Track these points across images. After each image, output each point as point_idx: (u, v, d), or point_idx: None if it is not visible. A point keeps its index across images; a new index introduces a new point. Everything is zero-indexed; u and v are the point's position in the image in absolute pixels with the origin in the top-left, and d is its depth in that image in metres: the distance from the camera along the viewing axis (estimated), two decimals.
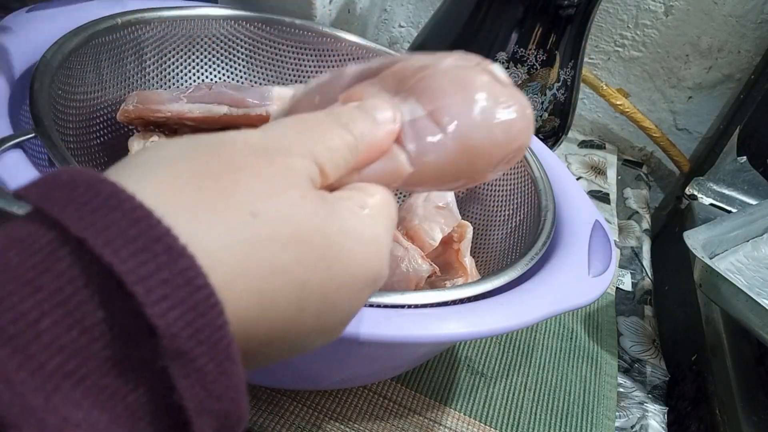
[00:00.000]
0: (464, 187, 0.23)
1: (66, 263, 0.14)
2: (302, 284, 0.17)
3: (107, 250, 0.14)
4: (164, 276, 0.14)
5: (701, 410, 0.52)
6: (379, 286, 0.20)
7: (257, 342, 0.17)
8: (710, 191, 0.76)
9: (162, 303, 0.14)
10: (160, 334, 0.14)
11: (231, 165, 0.17)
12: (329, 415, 0.39)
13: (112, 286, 0.14)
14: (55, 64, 0.35)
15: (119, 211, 0.14)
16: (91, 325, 0.13)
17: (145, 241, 0.14)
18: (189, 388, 0.14)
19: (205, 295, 0.14)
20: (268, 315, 0.17)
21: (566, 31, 0.61)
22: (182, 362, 0.14)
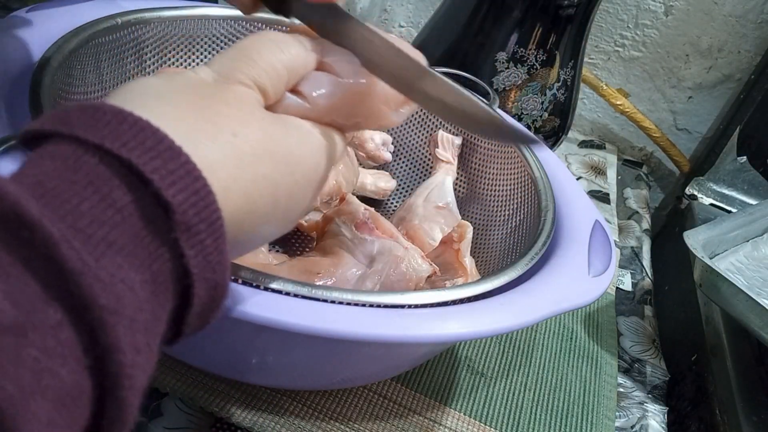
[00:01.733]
0: (366, 126, 0.29)
1: (92, 164, 0.17)
2: (276, 186, 0.23)
3: (123, 150, 0.17)
4: (171, 167, 0.18)
5: (701, 410, 0.52)
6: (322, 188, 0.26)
7: (243, 232, 0.22)
8: (710, 191, 0.76)
9: (172, 187, 0.18)
10: (173, 210, 0.18)
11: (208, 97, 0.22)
12: (329, 415, 0.39)
13: (133, 177, 0.17)
14: (55, 64, 0.35)
15: (125, 123, 0.18)
16: (122, 206, 0.17)
17: (151, 143, 0.18)
18: (194, 257, 0.18)
19: (203, 184, 0.18)
20: (252, 211, 0.22)
21: (566, 31, 0.61)
22: (189, 234, 0.18)
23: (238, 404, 0.38)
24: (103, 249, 0.16)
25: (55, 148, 0.17)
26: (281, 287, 0.27)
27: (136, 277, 0.17)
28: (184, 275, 0.19)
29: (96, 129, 0.17)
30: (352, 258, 0.38)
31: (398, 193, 0.55)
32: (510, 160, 0.48)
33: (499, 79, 0.61)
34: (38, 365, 0.14)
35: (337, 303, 0.28)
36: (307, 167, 0.24)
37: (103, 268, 0.16)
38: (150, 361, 0.18)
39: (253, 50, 0.24)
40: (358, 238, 0.38)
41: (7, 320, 0.14)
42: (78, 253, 0.15)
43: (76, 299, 0.15)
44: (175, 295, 0.19)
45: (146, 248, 0.17)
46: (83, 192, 0.16)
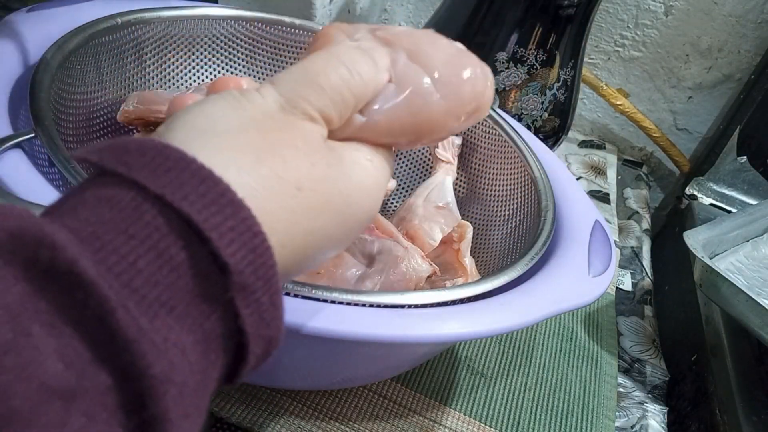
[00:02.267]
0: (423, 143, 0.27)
1: (150, 215, 0.16)
2: (328, 238, 0.22)
3: (184, 203, 0.16)
4: (231, 224, 0.17)
5: (701, 410, 0.52)
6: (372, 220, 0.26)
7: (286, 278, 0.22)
8: (710, 191, 0.76)
9: (231, 246, 0.17)
10: (231, 270, 0.17)
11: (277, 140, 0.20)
12: (329, 415, 0.39)
13: (190, 234, 0.17)
14: (55, 64, 0.35)
15: (188, 171, 0.17)
16: (177, 264, 0.16)
17: (213, 196, 0.17)
18: (249, 315, 0.18)
19: (262, 241, 0.18)
20: (299, 263, 0.21)
21: (566, 31, 0.61)
22: (245, 294, 0.17)
23: (238, 404, 0.38)
24: (156, 310, 0.16)
25: (115, 194, 0.17)
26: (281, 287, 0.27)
27: (188, 338, 0.16)
28: (237, 333, 0.18)
29: (157, 176, 0.17)
30: (352, 258, 0.38)
31: (398, 193, 0.55)
32: (510, 160, 0.48)
33: (499, 79, 0.61)
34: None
35: (337, 303, 0.28)
36: (362, 211, 0.23)
37: (157, 332, 0.16)
38: (198, 422, 0.17)
39: (321, 74, 0.23)
40: (359, 238, 0.38)
41: (58, 383, 0.14)
42: (133, 319, 0.15)
43: (128, 366, 0.15)
44: (226, 353, 0.18)
45: (199, 308, 0.17)
46: (140, 248, 0.16)
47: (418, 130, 0.25)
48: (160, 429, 0.15)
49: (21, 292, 0.14)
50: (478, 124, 0.51)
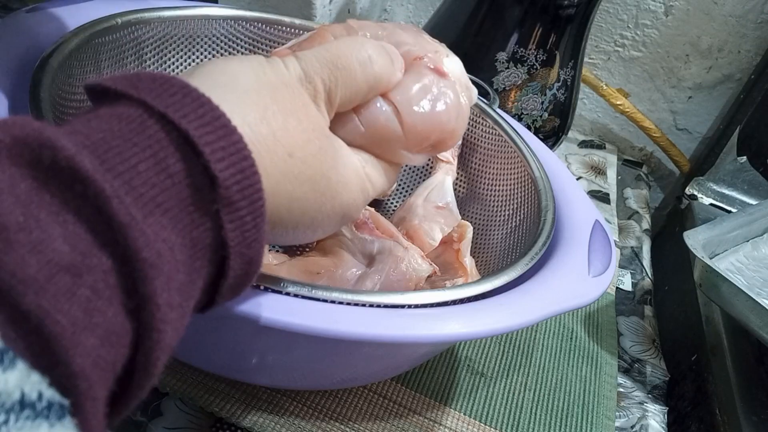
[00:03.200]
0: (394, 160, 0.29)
1: (154, 129, 0.18)
2: (303, 210, 0.24)
3: (183, 121, 0.19)
4: (222, 144, 0.19)
5: (701, 410, 0.52)
6: (348, 223, 0.29)
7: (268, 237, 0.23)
8: (710, 191, 0.76)
9: (221, 162, 0.19)
10: (218, 184, 0.19)
11: (284, 107, 0.23)
12: (329, 415, 0.39)
13: (187, 147, 0.19)
14: (55, 64, 0.35)
15: (189, 97, 0.19)
16: (173, 172, 0.18)
17: (209, 119, 0.19)
18: (232, 230, 0.20)
19: (250, 164, 0.20)
20: (275, 224, 0.23)
21: (566, 31, 0.61)
22: (230, 209, 0.19)
23: (238, 404, 0.38)
24: (151, 208, 0.18)
25: (124, 110, 0.19)
26: (281, 287, 0.27)
27: (176, 240, 0.18)
28: (221, 246, 0.20)
29: (162, 98, 0.19)
30: (352, 258, 0.38)
31: (398, 193, 0.55)
32: (510, 160, 0.48)
33: (499, 79, 0.61)
34: (90, 304, 0.16)
35: (337, 303, 0.28)
36: (339, 202, 0.26)
37: (149, 226, 0.17)
38: (182, 322, 0.19)
39: (342, 57, 0.25)
40: (358, 238, 0.38)
41: (65, 261, 0.15)
42: (127, 208, 0.16)
43: (122, 250, 0.16)
44: (211, 265, 0.20)
45: (190, 215, 0.19)
46: (141, 154, 0.18)
47: (379, 147, 0.28)
48: (150, 310, 0.17)
49: (28, 187, 0.16)
50: (478, 124, 0.51)
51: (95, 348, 0.16)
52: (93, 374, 0.15)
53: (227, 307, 0.26)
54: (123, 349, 0.17)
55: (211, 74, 0.22)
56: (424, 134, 0.28)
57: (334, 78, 0.25)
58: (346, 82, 0.25)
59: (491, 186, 0.49)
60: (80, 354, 0.15)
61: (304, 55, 0.25)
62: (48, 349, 0.14)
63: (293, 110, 0.23)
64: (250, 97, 0.22)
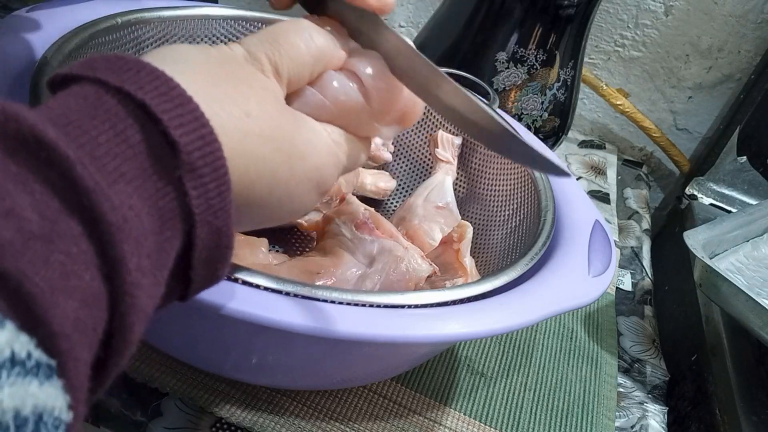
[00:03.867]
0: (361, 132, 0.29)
1: (111, 103, 0.19)
2: (273, 172, 0.24)
3: (140, 92, 0.19)
4: (180, 111, 0.19)
5: (701, 410, 0.52)
6: (324, 191, 0.27)
7: (238, 206, 0.23)
8: (710, 191, 0.76)
9: (180, 128, 0.19)
10: (179, 149, 0.19)
11: (234, 75, 0.24)
12: (329, 415, 0.39)
13: (145, 117, 0.19)
14: (55, 64, 0.35)
15: (144, 71, 0.20)
16: (134, 143, 0.19)
17: (165, 89, 0.19)
18: (196, 197, 0.20)
19: (209, 131, 0.20)
20: (248, 188, 0.23)
21: (566, 31, 0.61)
22: (192, 175, 0.19)
23: (238, 404, 0.38)
24: (115, 177, 0.18)
25: (80, 89, 0.19)
26: (281, 287, 0.27)
27: (143, 208, 0.18)
28: (188, 216, 0.20)
29: (118, 74, 0.19)
30: (352, 258, 0.38)
31: (398, 193, 0.55)
32: (510, 160, 0.48)
33: (499, 79, 0.61)
34: (65, 268, 0.16)
35: (337, 303, 0.28)
36: (308, 165, 0.25)
37: (114, 192, 0.17)
38: (156, 289, 0.19)
39: (281, 35, 0.26)
40: (358, 238, 0.38)
41: (36, 228, 0.15)
42: (91, 174, 0.17)
43: (89, 214, 0.17)
44: (182, 235, 0.20)
45: (154, 184, 0.19)
46: (101, 126, 0.18)
47: (346, 120, 0.28)
48: (119, 274, 0.17)
49: None
50: None
51: (74, 310, 0.16)
52: (74, 335, 0.16)
53: (228, 307, 0.26)
54: (101, 312, 0.17)
55: (161, 53, 0.23)
56: (389, 103, 0.28)
57: (276, 51, 0.25)
58: (290, 54, 0.26)
59: (491, 186, 0.49)
60: (59, 315, 0.15)
61: (245, 39, 0.26)
62: (29, 310, 0.15)
63: (243, 78, 0.24)
64: (201, 69, 0.23)
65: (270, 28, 0.26)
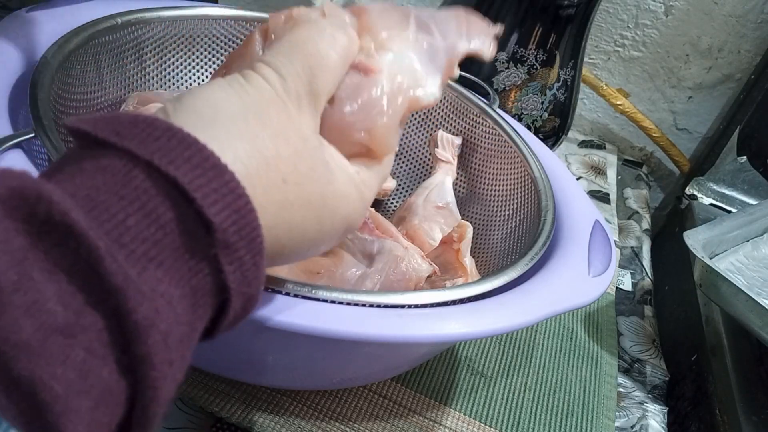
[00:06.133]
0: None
1: (140, 180, 0.18)
2: (303, 233, 0.23)
3: (171, 167, 0.18)
4: (214, 186, 0.18)
5: (701, 410, 0.52)
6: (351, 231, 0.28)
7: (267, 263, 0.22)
8: (710, 191, 0.76)
9: (215, 206, 0.18)
10: (215, 228, 0.18)
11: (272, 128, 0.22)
12: (329, 415, 0.39)
13: (177, 194, 0.18)
14: (55, 64, 0.35)
15: (175, 139, 0.18)
16: (164, 223, 0.18)
17: (198, 161, 0.18)
18: (232, 272, 0.19)
19: (245, 203, 0.19)
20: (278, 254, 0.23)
21: (566, 31, 0.61)
22: (228, 251, 0.19)
23: (238, 404, 0.38)
24: (145, 264, 0.17)
25: (108, 162, 0.18)
26: (281, 287, 0.27)
27: (175, 291, 0.18)
28: (222, 289, 0.19)
29: (146, 144, 0.18)
30: (352, 258, 0.38)
31: (398, 193, 0.55)
32: (510, 160, 0.48)
33: (499, 79, 0.61)
34: (84, 366, 0.15)
35: (337, 303, 0.28)
36: (337, 218, 0.25)
37: (144, 282, 0.17)
38: (181, 371, 0.19)
39: (309, 46, 0.24)
40: (358, 238, 0.38)
41: (59, 322, 0.15)
42: (120, 268, 0.16)
43: (116, 310, 0.16)
44: (212, 307, 0.20)
45: (186, 264, 0.18)
46: (129, 208, 0.17)
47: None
48: (145, 370, 0.17)
49: (22, 243, 0.15)
50: (478, 124, 0.51)
51: (89, 411, 0.15)
52: None
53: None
54: (119, 408, 0.17)
55: (195, 108, 0.21)
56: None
57: (309, 70, 0.24)
58: (324, 69, 0.24)
59: (491, 186, 0.49)
60: (73, 420, 0.15)
61: (275, 58, 0.24)
62: (41, 417, 0.14)
63: (281, 129, 0.22)
64: (238, 127, 0.21)
65: (293, 39, 0.24)
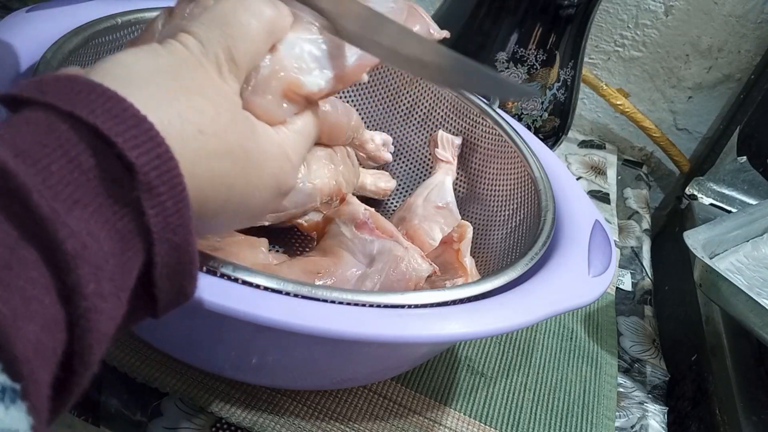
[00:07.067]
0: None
1: (62, 130, 0.19)
2: (229, 186, 0.24)
3: (91, 116, 0.19)
4: (134, 132, 0.19)
5: (701, 410, 0.52)
6: (285, 193, 0.27)
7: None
8: (710, 191, 0.76)
9: (135, 149, 0.19)
10: (136, 170, 0.19)
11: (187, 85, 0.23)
12: (329, 415, 0.39)
13: (98, 142, 0.19)
14: (55, 64, 0.35)
15: (94, 93, 0.19)
16: (87, 168, 0.19)
17: (117, 111, 0.19)
18: (154, 216, 0.20)
19: (165, 150, 0.20)
20: (203, 204, 0.23)
21: (566, 31, 0.61)
22: (150, 195, 0.19)
23: (238, 404, 0.38)
24: (70, 205, 0.18)
25: (31, 115, 0.19)
26: (281, 287, 0.27)
27: (101, 232, 0.19)
28: (147, 234, 0.20)
29: (68, 97, 0.19)
30: (352, 258, 0.38)
31: (398, 193, 0.55)
32: (510, 160, 0.48)
33: None
34: (26, 293, 0.16)
35: (337, 303, 0.28)
36: (264, 173, 0.25)
37: (71, 219, 0.18)
38: (117, 310, 0.19)
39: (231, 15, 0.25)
40: (358, 238, 0.38)
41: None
42: (48, 202, 0.17)
43: (47, 242, 0.17)
44: (143, 252, 0.20)
45: (111, 207, 0.19)
46: (53, 154, 0.18)
47: None
48: (76, 301, 0.17)
49: None
50: (478, 124, 0.51)
51: (35, 333, 0.16)
52: (35, 359, 0.16)
53: (228, 307, 0.26)
54: (61, 335, 0.17)
55: (108, 69, 0.22)
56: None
57: (230, 37, 0.25)
58: (244, 38, 0.25)
59: (491, 186, 0.49)
60: (21, 340, 0.16)
61: (195, 25, 0.25)
62: None
63: (197, 87, 0.23)
64: (154, 83, 0.22)
65: (216, 7, 0.25)
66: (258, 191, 0.25)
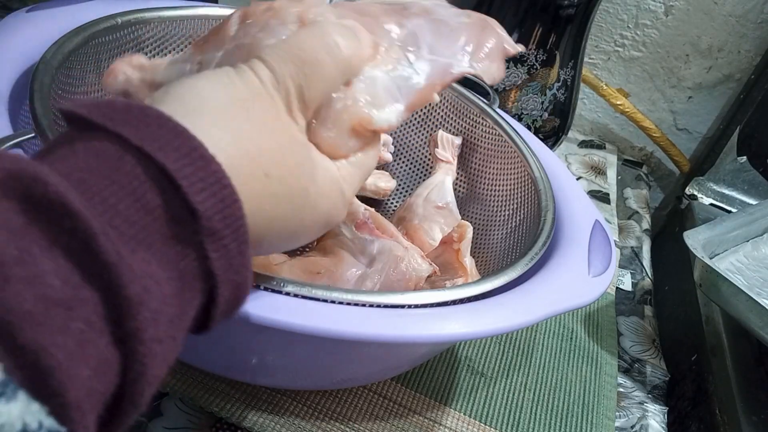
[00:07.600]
0: None
1: (130, 165, 0.18)
2: (284, 225, 0.24)
3: (159, 154, 0.18)
4: (201, 175, 0.19)
5: (701, 410, 0.52)
6: (332, 226, 0.28)
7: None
8: (710, 191, 0.76)
9: (201, 193, 0.19)
10: (200, 216, 0.19)
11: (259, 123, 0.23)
12: (329, 415, 0.39)
13: (165, 181, 0.19)
14: (55, 64, 0.35)
15: (165, 128, 0.19)
16: (152, 208, 0.18)
17: (186, 150, 0.19)
18: (218, 259, 0.20)
19: (231, 193, 0.20)
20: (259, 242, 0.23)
21: (566, 31, 0.61)
22: (214, 239, 0.20)
23: (238, 404, 0.38)
24: (134, 246, 0.18)
25: (100, 146, 0.19)
26: (281, 287, 0.27)
27: (163, 274, 0.18)
28: (209, 276, 0.20)
29: (138, 130, 0.19)
30: (352, 258, 0.38)
31: (398, 193, 0.55)
32: (510, 160, 0.48)
33: None
34: (82, 336, 0.16)
35: (337, 303, 0.28)
36: (318, 213, 0.26)
37: (135, 262, 0.18)
38: (172, 352, 0.19)
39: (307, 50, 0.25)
40: (358, 238, 0.38)
41: (57, 295, 0.16)
42: (113, 245, 0.17)
43: (108, 285, 0.17)
44: (201, 294, 0.20)
45: (174, 249, 0.19)
46: (120, 192, 0.18)
47: None
48: (135, 344, 0.17)
49: (21, 221, 0.16)
50: (478, 124, 0.51)
51: (88, 379, 0.16)
52: (85, 404, 0.16)
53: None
54: (113, 378, 0.17)
55: (183, 98, 0.22)
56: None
57: (303, 75, 0.24)
58: (317, 76, 0.25)
59: (491, 186, 0.49)
60: (74, 386, 0.15)
61: (270, 54, 0.24)
62: (44, 382, 0.15)
63: (267, 126, 0.23)
64: (224, 119, 0.22)
65: (294, 39, 0.25)
66: (309, 230, 0.26)
